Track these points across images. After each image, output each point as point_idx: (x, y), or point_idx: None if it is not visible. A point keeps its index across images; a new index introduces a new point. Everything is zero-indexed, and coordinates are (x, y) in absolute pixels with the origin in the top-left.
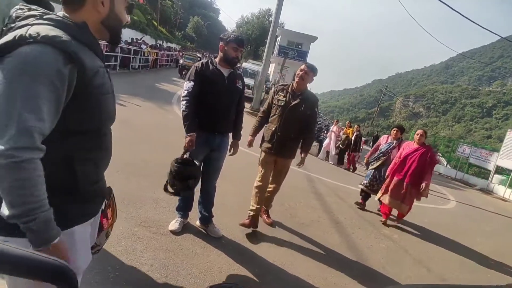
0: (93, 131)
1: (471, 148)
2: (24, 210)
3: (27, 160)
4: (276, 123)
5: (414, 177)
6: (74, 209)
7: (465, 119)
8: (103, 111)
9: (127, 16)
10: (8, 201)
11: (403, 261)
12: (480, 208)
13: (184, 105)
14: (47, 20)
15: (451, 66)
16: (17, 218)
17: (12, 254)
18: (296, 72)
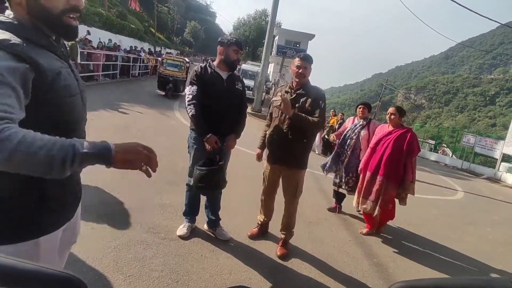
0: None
1: (476, 137)
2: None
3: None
4: (273, 125)
5: (389, 168)
6: (41, 218)
7: (468, 109)
8: (72, 113)
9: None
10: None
11: (413, 255)
12: (488, 197)
13: (192, 109)
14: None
15: (451, 56)
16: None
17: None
18: (292, 69)
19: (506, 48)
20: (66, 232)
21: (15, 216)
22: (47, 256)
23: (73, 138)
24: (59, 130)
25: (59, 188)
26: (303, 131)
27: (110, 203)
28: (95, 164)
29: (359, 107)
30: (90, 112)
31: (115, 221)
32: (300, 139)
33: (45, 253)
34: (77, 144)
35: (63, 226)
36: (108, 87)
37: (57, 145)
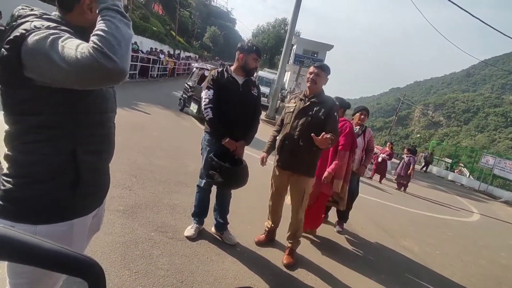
0: (98, 124)
1: (495, 159)
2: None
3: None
4: (285, 131)
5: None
6: (76, 201)
7: (489, 129)
8: (106, 105)
9: None
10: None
11: (423, 275)
12: (505, 221)
13: (209, 112)
14: (45, 19)
15: (472, 74)
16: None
17: (44, 248)
18: (306, 76)
19: None
20: (94, 219)
21: (52, 197)
22: (78, 238)
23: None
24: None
25: (92, 173)
26: (306, 138)
27: (121, 199)
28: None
29: (359, 112)
30: None
31: (125, 218)
32: (310, 147)
33: (77, 236)
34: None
35: (94, 211)
36: (127, 87)
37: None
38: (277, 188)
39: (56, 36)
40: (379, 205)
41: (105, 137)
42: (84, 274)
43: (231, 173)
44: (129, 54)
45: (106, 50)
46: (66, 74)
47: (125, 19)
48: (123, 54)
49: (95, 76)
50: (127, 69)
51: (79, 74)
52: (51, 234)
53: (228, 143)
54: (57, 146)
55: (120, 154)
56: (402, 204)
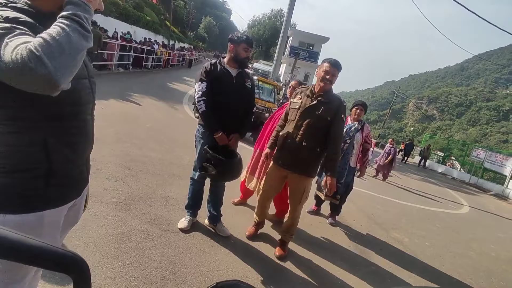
0: (70, 115)
1: (486, 152)
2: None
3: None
4: (288, 128)
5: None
6: (48, 193)
7: (481, 123)
8: (77, 95)
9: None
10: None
11: (413, 266)
12: (494, 214)
13: (203, 105)
14: (10, 7)
15: (466, 68)
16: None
17: (28, 244)
18: (318, 73)
19: None
20: (70, 211)
21: (23, 187)
22: (49, 230)
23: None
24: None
25: (67, 164)
26: (322, 144)
27: (114, 192)
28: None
29: (355, 107)
30: (101, 100)
31: (118, 210)
32: (315, 147)
33: (48, 227)
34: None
35: (69, 203)
36: (120, 77)
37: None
38: (271, 185)
39: (5, 32)
40: (371, 198)
41: (80, 128)
42: (68, 269)
43: (225, 165)
44: (74, 67)
45: (42, 55)
46: (1, 73)
47: (83, 29)
48: (63, 64)
49: (23, 79)
50: (62, 81)
51: (8, 74)
52: (20, 224)
53: (220, 138)
54: (28, 138)
55: (112, 146)
56: (393, 196)
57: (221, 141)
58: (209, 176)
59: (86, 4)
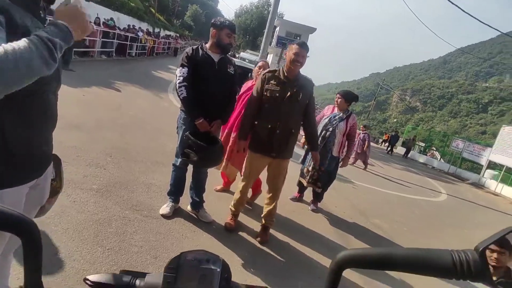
0: (28, 93)
1: (464, 143)
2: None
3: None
4: (273, 118)
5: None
6: (5, 172)
7: (461, 115)
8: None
9: None
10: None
11: None
12: (471, 201)
13: (184, 91)
14: None
15: (449, 61)
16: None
17: None
18: (288, 55)
19: (504, 58)
20: (33, 192)
21: None
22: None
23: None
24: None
25: (24, 143)
26: (296, 124)
27: (95, 178)
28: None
29: (337, 96)
30: (82, 88)
31: (98, 196)
32: (294, 131)
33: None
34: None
35: (30, 183)
36: (103, 65)
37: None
38: (256, 173)
39: None
40: (354, 186)
41: (40, 107)
42: (17, 230)
43: (207, 152)
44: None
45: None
46: None
47: (51, 59)
48: (5, 81)
49: None
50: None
51: None
52: None
53: (201, 125)
54: None
55: (94, 133)
56: (375, 185)
57: (203, 128)
58: (191, 162)
59: (70, 33)
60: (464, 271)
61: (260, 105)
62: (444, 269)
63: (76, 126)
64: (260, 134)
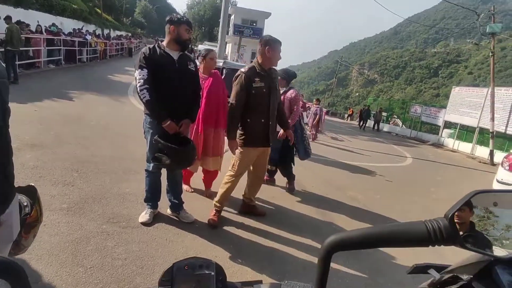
0: None
1: (422, 107)
2: None
3: None
4: (265, 112)
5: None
6: None
7: (416, 81)
8: None
9: None
10: None
11: (367, 218)
12: (433, 161)
13: (146, 94)
14: None
15: (399, 32)
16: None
17: None
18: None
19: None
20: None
21: None
22: None
23: None
24: None
25: None
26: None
27: (64, 197)
28: None
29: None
30: (33, 102)
31: (70, 215)
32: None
33: None
34: None
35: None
36: (52, 75)
37: None
38: (247, 167)
39: None
40: (327, 162)
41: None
42: (2, 274)
43: (179, 154)
44: None
45: None
46: None
47: None
48: None
49: None
50: None
51: None
52: None
53: (169, 127)
54: None
55: (54, 150)
56: (346, 159)
57: (171, 129)
58: (164, 166)
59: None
60: (438, 238)
61: (246, 103)
62: (421, 238)
63: (34, 145)
64: (256, 129)
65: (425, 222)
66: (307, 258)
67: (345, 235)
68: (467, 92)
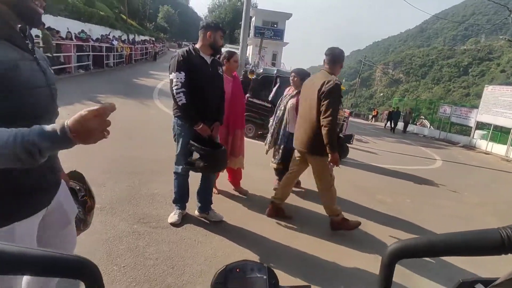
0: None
1: (451, 108)
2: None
3: None
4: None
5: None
6: (10, 205)
7: (444, 80)
8: (37, 106)
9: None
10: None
11: (399, 223)
12: (464, 163)
13: (182, 97)
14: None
15: (425, 29)
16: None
17: (31, 254)
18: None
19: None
20: (51, 217)
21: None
22: (25, 240)
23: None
24: (23, 123)
25: (24, 175)
26: None
27: (97, 197)
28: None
29: (291, 74)
30: (65, 106)
31: (104, 215)
32: None
33: (20, 239)
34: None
35: (39, 213)
36: (82, 79)
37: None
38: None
39: None
40: (352, 164)
41: None
42: (77, 274)
43: (215, 156)
44: None
45: None
46: None
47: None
48: None
49: None
50: None
51: None
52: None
53: (202, 129)
54: None
55: (86, 152)
56: (372, 161)
57: (204, 132)
58: (198, 170)
59: (70, 141)
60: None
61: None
62: (494, 246)
63: None
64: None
65: (499, 230)
66: (339, 262)
67: (410, 242)
68: (501, 91)
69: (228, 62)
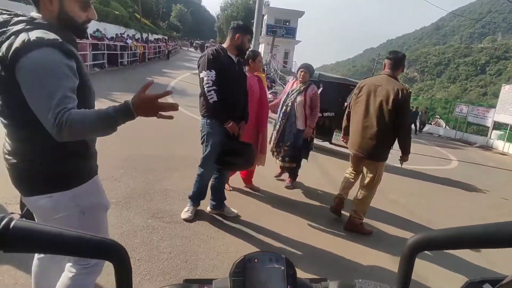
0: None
1: (468, 107)
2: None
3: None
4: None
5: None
6: (91, 166)
7: (460, 79)
8: (92, 94)
9: (88, 13)
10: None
11: (411, 223)
12: (481, 164)
13: (213, 95)
14: (37, 25)
15: (442, 27)
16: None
17: (66, 235)
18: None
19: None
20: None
21: (77, 166)
22: (103, 189)
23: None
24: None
25: (90, 147)
26: None
27: (112, 192)
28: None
29: (300, 70)
30: None
31: (119, 209)
32: None
33: (101, 187)
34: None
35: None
36: (97, 77)
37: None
38: None
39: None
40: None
41: None
42: (108, 256)
43: (248, 152)
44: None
45: (67, 129)
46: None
47: (112, 130)
48: (73, 137)
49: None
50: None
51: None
52: (87, 191)
53: (232, 127)
54: None
55: (101, 148)
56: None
57: (233, 130)
58: (232, 167)
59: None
60: None
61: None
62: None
63: None
64: None
65: None
66: (352, 259)
67: (432, 234)
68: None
69: (253, 62)
